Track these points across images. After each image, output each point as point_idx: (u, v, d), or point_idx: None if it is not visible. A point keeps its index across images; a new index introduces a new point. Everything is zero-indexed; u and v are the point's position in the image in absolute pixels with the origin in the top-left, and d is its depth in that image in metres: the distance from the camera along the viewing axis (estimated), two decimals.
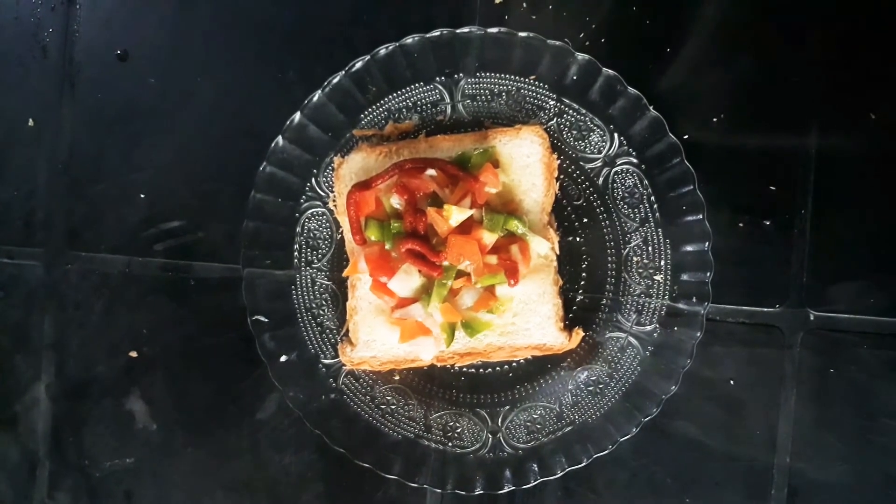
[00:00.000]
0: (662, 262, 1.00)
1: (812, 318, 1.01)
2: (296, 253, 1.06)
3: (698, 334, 0.97)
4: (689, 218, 0.98)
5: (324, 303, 1.06)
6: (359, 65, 1.02)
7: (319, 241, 1.06)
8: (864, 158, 1.00)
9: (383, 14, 1.07)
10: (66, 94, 1.16)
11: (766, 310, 1.02)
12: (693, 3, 1.03)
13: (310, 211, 1.05)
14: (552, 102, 1.01)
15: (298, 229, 1.06)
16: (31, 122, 1.16)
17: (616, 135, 1.00)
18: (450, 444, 1.04)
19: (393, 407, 1.05)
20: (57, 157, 1.16)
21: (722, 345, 1.03)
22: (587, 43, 1.03)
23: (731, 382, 1.03)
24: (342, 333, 1.05)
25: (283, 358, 1.05)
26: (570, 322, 1.03)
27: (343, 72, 1.02)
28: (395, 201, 0.99)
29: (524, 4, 1.05)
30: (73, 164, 1.16)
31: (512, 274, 0.97)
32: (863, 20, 1.00)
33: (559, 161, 1.02)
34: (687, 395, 1.02)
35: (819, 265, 1.01)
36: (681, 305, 0.98)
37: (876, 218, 1.00)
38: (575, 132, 1.02)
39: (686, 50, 1.03)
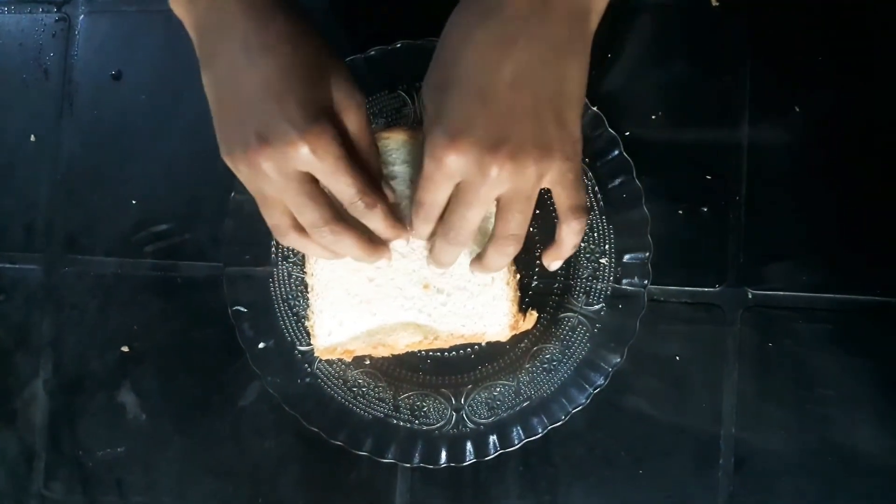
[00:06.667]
0: (607, 247, 1.08)
1: (750, 296, 1.09)
2: (273, 249, 1.14)
3: (641, 311, 1.05)
4: (629, 205, 1.06)
5: (299, 294, 1.14)
6: None
7: None
8: (790, 148, 1.09)
9: (347, 28, 1.19)
10: (65, 111, 1.27)
11: (706, 289, 1.10)
12: (630, 14, 1.13)
13: None
14: None
15: None
16: (32, 139, 1.27)
17: None
18: (416, 422, 1.11)
19: (364, 389, 1.13)
20: (57, 170, 1.26)
21: (667, 324, 1.10)
22: None
23: (677, 358, 1.10)
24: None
25: (261, 345, 1.13)
26: (525, 306, 1.10)
27: None
28: None
29: None
30: (71, 176, 1.26)
31: None
32: (784, 26, 1.10)
33: None
34: (636, 371, 1.10)
35: (754, 247, 1.09)
36: (624, 286, 1.06)
37: (804, 202, 1.09)
38: None
39: (625, 56, 1.13)
